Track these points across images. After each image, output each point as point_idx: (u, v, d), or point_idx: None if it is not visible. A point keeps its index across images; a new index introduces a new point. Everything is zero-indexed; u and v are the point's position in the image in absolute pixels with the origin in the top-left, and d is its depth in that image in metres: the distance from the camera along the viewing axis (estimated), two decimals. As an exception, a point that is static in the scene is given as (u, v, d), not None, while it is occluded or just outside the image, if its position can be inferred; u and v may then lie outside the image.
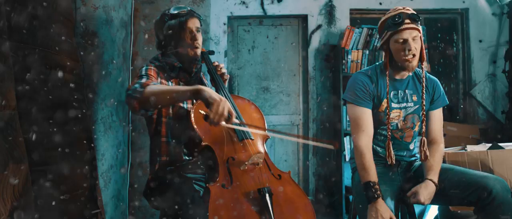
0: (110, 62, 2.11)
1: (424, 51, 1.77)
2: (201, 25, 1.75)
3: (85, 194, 1.68)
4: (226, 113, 1.33)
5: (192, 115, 1.52)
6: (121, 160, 2.29)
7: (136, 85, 1.39)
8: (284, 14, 3.60)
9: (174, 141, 1.65)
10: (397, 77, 1.81)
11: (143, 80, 1.44)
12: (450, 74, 3.77)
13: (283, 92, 3.68)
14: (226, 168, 1.48)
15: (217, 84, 1.72)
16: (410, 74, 1.84)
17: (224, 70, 1.80)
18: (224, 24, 3.57)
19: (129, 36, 2.44)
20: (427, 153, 1.70)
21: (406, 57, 1.69)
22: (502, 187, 1.58)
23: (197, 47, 1.69)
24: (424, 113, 1.78)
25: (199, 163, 1.62)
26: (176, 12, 1.68)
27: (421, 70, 1.83)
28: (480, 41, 3.64)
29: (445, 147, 1.89)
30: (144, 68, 1.59)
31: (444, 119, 3.46)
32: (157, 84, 1.45)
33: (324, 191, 3.50)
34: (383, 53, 1.79)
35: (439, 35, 3.76)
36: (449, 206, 1.95)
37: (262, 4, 3.57)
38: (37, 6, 1.55)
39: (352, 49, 3.20)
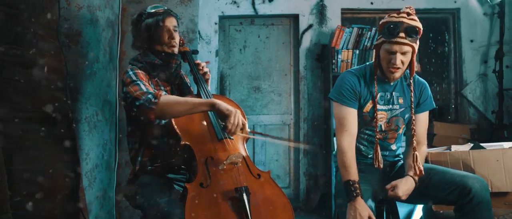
0: (95, 62, 2.11)
1: (414, 65, 1.76)
2: (178, 24, 1.75)
3: (66, 193, 1.68)
4: (240, 123, 1.41)
5: None
6: (107, 159, 2.29)
7: (149, 96, 1.44)
8: (276, 14, 3.60)
9: (157, 141, 1.65)
10: (386, 79, 1.79)
11: (148, 88, 1.49)
12: (441, 74, 3.77)
13: (275, 92, 3.68)
14: (204, 167, 1.48)
15: (198, 83, 1.72)
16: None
17: (206, 69, 1.80)
18: (216, 23, 3.57)
19: (116, 35, 2.43)
20: (422, 168, 1.67)
21: (390, 69, 1.68)
22: (481, 186, 1.58)
23: (174, 46, 1.69)
24: (413, 116, 1.77)
25: (179, 163, 1.62)
26: (153, 11, 1.68)
27: (410, 73, 1.81)
28: (472, 41, 3.64)
29: (437, 147, 1.89)
30: (131, 72, 1.58)
31: (436, 119, 3.50)
32: (171, 96, 1.51)
33: (315, 190, 3.51)
34: (374, 53, 1.78)
35: (431, 35, 3.76)
36: (430, 205, 1.95)
37: (253, 3, 3.57)
38: (19, 5, 1.55)
39: (342, 49, 3.20)
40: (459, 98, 3.68)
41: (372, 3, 3.61)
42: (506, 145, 1.87)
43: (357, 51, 3.19)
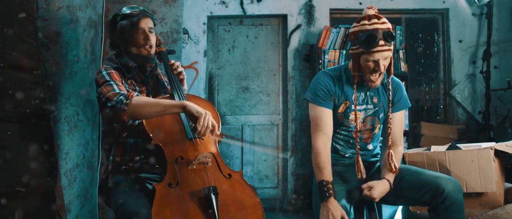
0: (76, 62, 2.12)
1: (392, 68, 1.74)
2: (154, 25, 1.75)
3: (42, 192, 1.69)
4: (210, 125, 1.40)
5: None
6: (89, 158, 2.30)
7: (121, 97, 1.45)
8: (264, 14, 3.61)
9: (131, 141, 1.66)
10: (371, 87, 1.77)
11: (119, 89, 1.50)
12: (431, 75, 3.77)
13: (263, 92, 3.69)
14: (174, 167, 1.48)
15: (171, 83, 1.73)
16: None
17: (180, 69, 1.81)
18: (204, 23, 3.58)
19: (99, 36, 2.44)
20: (397, 166, 1.67)
21: (372, 78, 1.67)
22: (454, 187, 1.58)
23: (150, 47, 1.69)
24: (390, 115, 1.76)
25: (151, 162, 1.63)
26: (128, 12, 1.68)
27: (388, 73, 1.79)
28: (460, 41, 3.64)
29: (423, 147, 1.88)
30: (105, 72, 1.59)
31: (424, 119, 3.50)
32: (142, 97, 1.52)
33: (303, 190, 3.51)
34: (351, 60, 1.74)
35: (420, 35, 3.77)
36: (405, 206, 1.95)
37: (241, 3, 3.58)
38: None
39: (329, 49, 3.21)
40: (447, 98, 3.68)
41: (361, 3, 3.61)
42: (485, 145, 1.87)
43: (344, 52, 3.19)
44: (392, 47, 1.64)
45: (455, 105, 3.63)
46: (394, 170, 1.65)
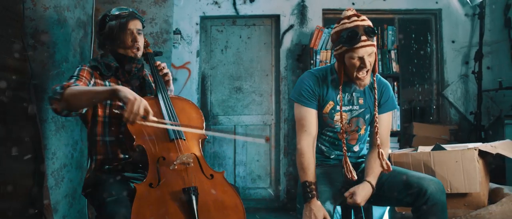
0: (64, 62, 2.12)
1: (377, 63, 1.74)
2: (143, 27, 1.76)
3: (27, 192, 1.70)
4: (141, 112, 1.33)
5: None
6: (78, 158, 2.30)
7: (57, 87, 1.40)
8: (257, 14, 3.61)
9: (111, 140, 1.66)
10: (360, 87, 1.76)
11: (67, 81, 1.46)
12: (424, 75, 3.77)
13: (256, 92, 3.69)
14: (155, 167, 1.49)
15: (156, 84, 1.73)
16: None
17: (166, 70, 1.81)
18: (197, 24, 3.58)
19: (89, 36, 2.45)
20: (389, 163, 1.67)
21: (360, 76, 1.66)
22: (436, 188, 1.58)
23: (137, 49, 1.70)
24: (376, 116, 1.76)
25: (135, 162, 1.63)
26: (117, 13, 1.69)
27: (373, 72, 1.79)
28: (453, 41, 3.64)
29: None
30: (78, 68, 1.60)
31: (417, 120, 3.50)
32: (78, 86, 1.46)
33: (295, 190, 3.50)
34: (336, 61, 1.74)
35: (413, 35, 3.76)
36: (390, 206, 1.96)
37: (234, 4, 3.58)
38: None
39: (321, 49, 3.21)
40: (440, 99, 3.68)
41: (353, 4, 3.61)
42: (471, 145, 1.87)
43: (336, 52, 3.18)
44: (375, 43, 1.64)
45: (447, 106, 3.63)
46: (387, 167, 1.65)
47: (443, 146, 1.90)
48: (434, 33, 3.76)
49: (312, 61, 3.17)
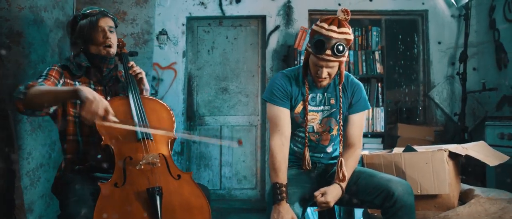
0: (41, 62, 2.12)
1: (343, 75, 1.74)
2: (116, 25, 1.76)
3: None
4: (100, 112, 1.33)
5: None
6: (56, 158, 2.30)
7: (21, 87, 1.41)
8: (243, 15, 3.61)
9: (82, 139, 1.67)
10: (318, 86, 1.78)
11: (33, 81, 1.46)
12: (411, 76, 3.77)
13: (242, 93, 3.69)
14: (121, 167, 1.49)
15: (128, 84, 1.74)
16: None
17: (138, 70, 1.81)
18: (183, 24, 3.58)
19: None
20: (345, 174, 1.65)
21: (318, 79, 1.68)
22: (404, 190, 1.58)
23: (109, 46, 1.70)
24: (341, 116, 1.75)
25: (103, 162, 1.63)
26: (88, 12, 1.70)
27: (339, 80, 1.79)
28: (439, 43, 3.64)
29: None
30: (47, 68, 1.60)
31: (402, 121, 3.50)
32: (42, 86, 1.47)
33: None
34: (304, 56, 1.76)
35: (400, 36, 3.77)
36: (361, 208, 1.95)
37: (220, 4, 3.59)
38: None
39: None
40: (427, 100, 3.68)
41: (339, 4, 3.61)
42: (446, 147, 1.87)
43: (320, 53, 3.18)
44: (341, 60, 1.63)
45: (434, 107, 3.63)
46: (342, 178, 1.64)
47: (416, 147, 1.90)
48: (420, 34, 3.76)
49: (296, 62, 3.17)
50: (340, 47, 1.58)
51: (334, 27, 1.59)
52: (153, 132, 1.59)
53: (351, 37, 1.63)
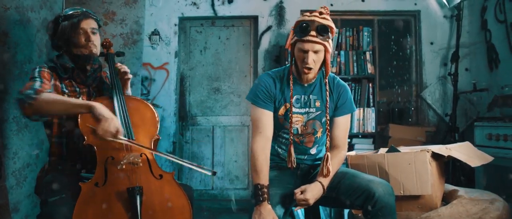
0: (27, 62, 2.13)
1: (329, 67, 1.74)
2: (99, 26, 1.76)
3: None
4: (113, 130, 1.40)
5: (79, 116, 1.54)
6: (43, 158, 2.30)
7: (30, 91, 1.42)
8: (235, 15, 3.61)
9: (65, 140, 1.67)
10: (304, 81, 1.79)
11: (37, 85, 1.47)
12: (403, 76, 3.77)
13: (234, 93, 3.69)
14: (103, 167, 1.49)
15: (112, 85, 1.73)
16: (316, 79, 1.81)
17: (126, 70, 1.81)
18: (175, 25, 3.59)
19: (57, 36, 2.46)
20: (330, 169, 1.66)
21: (303, 68, 1.68)
22: (384, 190, 1.58)
23: (91, 48, 1.70)
24: (328, 119, 1.75)
25: (86, 162, 1.64)
26: (70, 13, 1.69)
27: (325, 72, 1.79)
28: (432, 43, 3.65)
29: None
30: (37, 69, 1.59)
31: (394, 121, 3.50)
32: (51, 93, 1.49)
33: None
34: (290, 54, 1.77)
35: (392, 37, 3.77)
36: (343, 209, 1.95)
37: (212, 5, 3.59)
38: None
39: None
40: (419, 100, 3.68)
41: (332, 5, 3.61)
42: (429, 147, 1.86)
43: (311, 53, 3.19)
44: (326, 44, 1.64)
45: (426, 107, 3.63)
46: (326, 173, 1.64)
47: (400, 148, 1.90)
48: (413, 34, 3.76)
49: (287, 62, 3.17)
50: (324, 29, 1.62)
51: (316, 14, 1.68)
52: (144, 149, 1.59)
53: (333, 26, 1.68)
